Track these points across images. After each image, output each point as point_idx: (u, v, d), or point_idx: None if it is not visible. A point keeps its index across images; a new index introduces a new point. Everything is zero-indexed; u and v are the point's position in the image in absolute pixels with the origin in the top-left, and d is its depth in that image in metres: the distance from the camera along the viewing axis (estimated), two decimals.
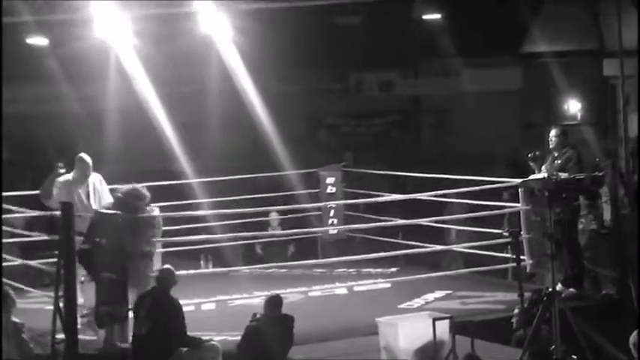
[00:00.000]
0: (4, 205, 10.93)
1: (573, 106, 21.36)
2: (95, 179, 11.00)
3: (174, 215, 11.49)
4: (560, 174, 10.83)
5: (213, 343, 9.02)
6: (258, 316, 9.21)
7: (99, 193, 10.91)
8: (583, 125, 20.39)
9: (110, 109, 18.19)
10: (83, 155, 11.05)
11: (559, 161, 11.27)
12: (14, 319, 8.90)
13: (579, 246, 11.52)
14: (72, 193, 10.71)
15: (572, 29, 20.88)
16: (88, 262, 9.67)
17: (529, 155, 11.44)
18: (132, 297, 9.46)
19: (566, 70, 20.29)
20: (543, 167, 11.31)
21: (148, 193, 10.05)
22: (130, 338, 9.21)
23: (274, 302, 9.29)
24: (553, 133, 11.52)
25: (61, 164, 11.17)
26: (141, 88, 15.23)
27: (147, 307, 8.91)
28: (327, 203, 14.56)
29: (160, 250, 10.64)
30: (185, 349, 8.86)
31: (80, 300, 9.78)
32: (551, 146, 11.48)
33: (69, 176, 10.98)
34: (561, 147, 11.39)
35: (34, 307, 11.15)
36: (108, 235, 9.64)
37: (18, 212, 11.69)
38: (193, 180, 14.64)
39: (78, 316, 9.44)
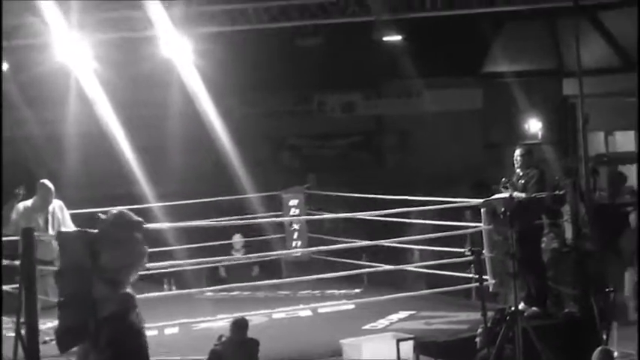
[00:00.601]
0: None
1: (534, 126, 21.54)
2: (55, 206, 10.79)
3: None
4: (519, 194, 10.87)
5: None
6: (223, 338, 9.16)
7: (58, 221, 10.70)
8: (544, 144, 20.57)
9: (71, 133, 18.03)
10: (45, 181, 10.84)
11: (522, 181, 11.30)
12: None
13: (542, 264, 11.58)
14: (30, 219, 10.49)
15: (531, 49, 21.09)
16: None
17: (502, 180, 11.34)
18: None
19: (526, 89, 20.47)
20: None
21: (137, 219, 8.92)
22: None
23: (239, 325, 9.24)
24: (518, 152, 11.45)
25: (20, 190, 10.91)
26: (102, 112, 15.15)
27: (106, 333, 8.81)
28: (291, 219, 14.56)
29: None
30: None
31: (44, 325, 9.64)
32: (515, 165, 11.45)
33: (29, 202, 10.76)
34: (526, 166, 11.36)
35: None
36: (71, 256, 9.47)
37: None
38: (155, 204, 14.55)
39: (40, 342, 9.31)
